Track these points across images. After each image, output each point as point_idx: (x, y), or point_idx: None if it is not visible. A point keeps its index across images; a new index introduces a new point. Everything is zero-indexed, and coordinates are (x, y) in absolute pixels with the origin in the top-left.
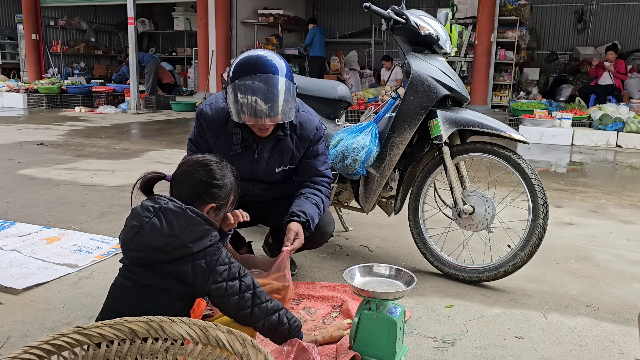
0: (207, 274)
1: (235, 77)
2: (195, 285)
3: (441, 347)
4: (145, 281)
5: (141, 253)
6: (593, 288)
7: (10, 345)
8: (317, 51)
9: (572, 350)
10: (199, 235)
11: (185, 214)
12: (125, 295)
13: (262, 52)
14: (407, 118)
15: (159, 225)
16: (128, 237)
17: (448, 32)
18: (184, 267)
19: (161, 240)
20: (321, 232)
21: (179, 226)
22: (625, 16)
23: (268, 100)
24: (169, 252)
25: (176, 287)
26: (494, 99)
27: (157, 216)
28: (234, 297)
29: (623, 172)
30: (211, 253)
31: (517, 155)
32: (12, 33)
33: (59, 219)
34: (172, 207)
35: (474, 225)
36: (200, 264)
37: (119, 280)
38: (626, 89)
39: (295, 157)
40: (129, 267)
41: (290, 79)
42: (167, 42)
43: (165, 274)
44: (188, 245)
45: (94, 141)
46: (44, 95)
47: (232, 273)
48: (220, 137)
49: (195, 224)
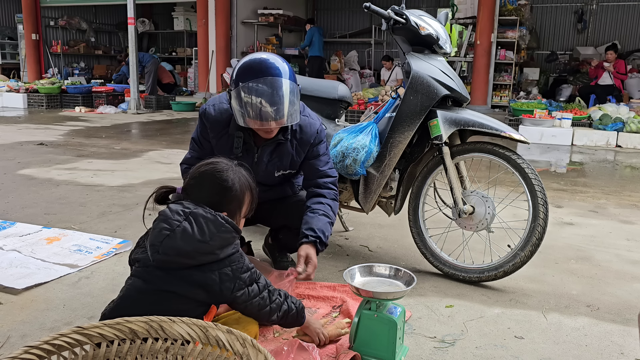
0: (233, 282)
1: (239, 80)
2: (221, 293)
3: (441, 347)
4: (166, 286)
5: (169, 257)
6: (593, 288)
7: (10, 345)
8: (316, 51)
9: (572, 350)
10: (226, 243)
11: (216, 221)
12: (143, 297)
13: (264, 55)
14: (407, 118)
15: (190, 230)
16: (158, 240)
17: (448, 32)
18: (211, 275)
19: (190, 245)
20: None
21: (209, 232)
22: (625, 16)
23: (274, 104)
24: (195, 257)
25: (199, 294)
26: (494, 99)
27: (187, 220)
28: (255, 299)
29: (623, 172)
30: (235, 260)
31: (517, 155)
32: (12, 33)
33: (59, 219)
34: (202, 212)
35: (474, 225)
36: (226, 271)
37: (136, 282)
38: (626, 89)
39: (295, 162)
40: (149, 269)
41: (294, 81)
42: (167, 42)
43: (190, 280)
44: (215, 252)
45: (94, 141)
46: (44, 95)
47: (252, 278)
48: (222, 138)
49: (224, 231)
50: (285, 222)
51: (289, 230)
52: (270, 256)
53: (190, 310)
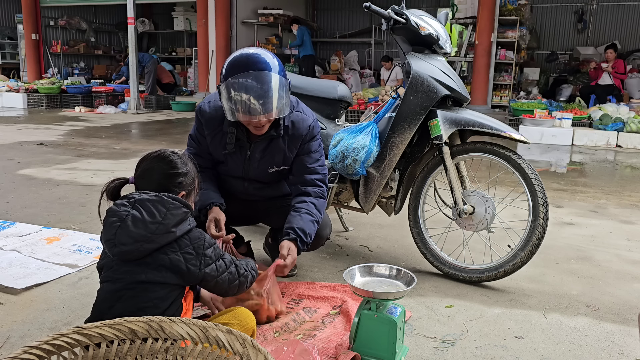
0: (198, 259)
1: (227, 75)
2: (190, 273)
3: (441, 347)
4: (136, 277)
5: (128, 246)
6: (593, 288)
7: (10, 345)
8: (309, 50)
9: (572, 351)
10: (180, 219)
11: (162, 200)
12: (117, 296)
13: (252, 50)
14: (407, 118)
15: (140, 215)
16: (111, 233)
17: (448, 32)
18: (174, 255)
19: (145, 229)
20: (318, 235)
21: (159, 213)
22: (625, 16)
23: (260, 97)
24: (156, 240)
25: (170, 278)
26: (494, 99)
27: (135, 208)
28: (224, 274)
29: (623, 172)
30: (195, 238)
31: (517, 155)
32: (12, 33)
33: (59, 219)
34: (147, 197)
35: (474, 225)
36: (188, 250)
37: (106, 286)
38: (626, 89)
39: (288, 158)
40: (115, 267)
41: (283, 75)
42: (167, 42)
43: (157, 266)
44: (171, 230)
45: (93, 141)
46: (44, 95)
47: (217, 253)
48: (216, 135)
49: (174, 208)
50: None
51: None
52: (270, 256)
53: (166, 296)
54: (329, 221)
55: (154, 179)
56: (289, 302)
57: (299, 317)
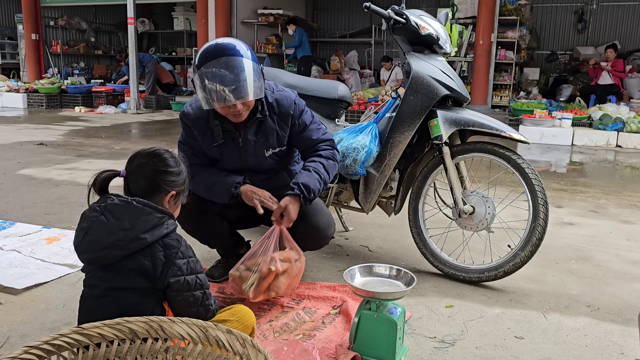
0: (166, 267)
1: (199, 66)
2: (156, 278)
3: (441, 347)
4: (110, 283)
5: (95, 253)
6: (593, 288)
7: (10, 345)
8: (308, 51)
9: (572, 351)
10: (151, 225)
11: (131, 206)
12: (97, 303)
13: (220, 40)
14: (407, 118)
15: (107, 222)
16: (79, 239)
17: (448, 32)
18: (144, 260)
19: (113, 236)
20: (322, 235)
21: (128, 219)
22: (625, 16)
23: (232, 82)
24: (125, 247)
25: (141, 282)
26: (494, 99)
27: (104, 214)
28: (187, 293)
29: (623, 172)
30: (170, 246)
31: (517, 155)
32: (12, 33)
33: (59, 219)
34: (117, 202)
35: (474, 225)
36: (159, 256)
37: (85, 291)
38: (626, 89)
39: (282, 137)
40: (91, 273)
41: (253, 60)
42: (167, 42)
43: (127, 271)
44: (141, 237)
45: (93, 141)
46: (44, 95)
47: (190, 268)
48: (206, 133)
49: (143, 214)
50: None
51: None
52: None
53: (144, 301)
54: (333, 220)
55: (145, 175)
56: (289, 302)
57: (299, 317)
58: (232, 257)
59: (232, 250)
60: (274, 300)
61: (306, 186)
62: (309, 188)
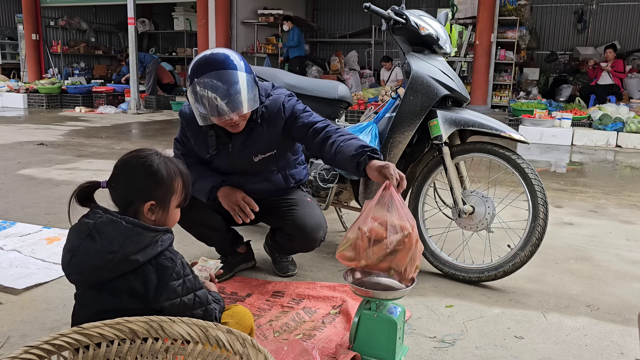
0: (159, 290)
1: (191, 80)
2: (149, 301)
3: (441, 347)
4: (101, 306)
5: (83, 275)
6: (593, 288)
7: (10, 345)
8: (302, 51)
9: (572, 350)
10: (142, 245)
11: (120, 225)
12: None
13: (213, 51)
14: (407, 118)
15: (94, 243)
16: (65, 261)
17: (448, 32)
18: (135, 283)
19: (101, 258)
20: (310, 238)
21: (117, 240)
22: (625, 16)
23: (224, 96)
24: (113, 269)
25: (133, 304)
26: (493, 99)
27: (91, 234)
28: (186, 312)
29: (623, 172)
30: (163, 267)
31: (517, 155)
32: (12, 33)
33: (59, 219)
34: (106, 221)
35: (474, 225)
36: (151, 278)
37: (77, 308)
38: (626, 89)
39: (271, 140)
40: (82, 292)
41: (246, 70)
42: (167, 42)
43: (118, 293)
44: (131, 258)
45: (94, 141)
46: (44, 95)
47: (187, 287)
48: (199, 136)
49: (133, 235)
50: (281, 225)
51: (283, 233)
52: (270, 255)
53: None
54: (323, 223)
55: (121, 186)
56: (289, 301)
57: (299, 317)
58: (231, 256)
59: (229, 247)
60: (274, 300)
61: (365, 145)
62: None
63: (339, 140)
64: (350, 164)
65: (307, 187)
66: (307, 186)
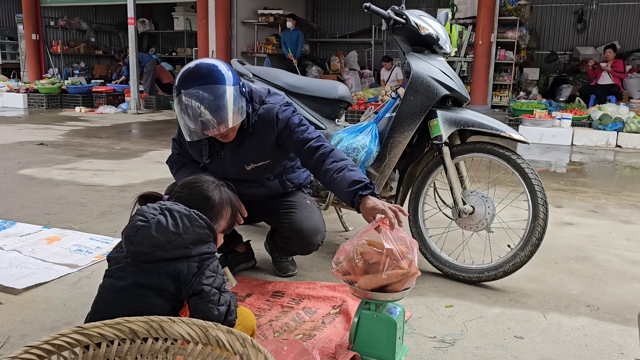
0: (197, 276)
1: (177, 93)
2: (185, 284)
3: (441, 347)
4: (138, 279)
5: (143, 247)
6: (593, 288)
7: (10, 345)
8: (300, 53)
9: (572, 350)
10: (199, 238)
11: (191, 216)
12: (117, 296)
13: (199, 62)
14: (407, 118)
15: (165, 222)
16: (133, 231)
17: (448, 32)
18: (180, 265)
19: (164, 236)
20: (307, 242)
21: (183, 225)
22: (625, 16)
23: (209, 112)
24: (170, 250)
25: (169, 285)
26: (493, 99)
27: (162, 214)
28: (209, 304)
29: (623, 172)
30: (205, 259)
31: (517, 155)
32: (12, 33)
33: (59, 219)
34: (177, 208)
35: (474, 225)
36: (193, 265)
37: (108, 282)
38: (626, 89)
39: (265, 150)
40: (123, 265)
41: (234, 82)
42: (167, 42)
43: (161, 272)
44: (188, 246)
45: (94, 141)
46: (44, 95)
47: (217, 282)
48: (192, 142)
49: (198, 226)
50: (278, 227)
51: (280, 235)
52: (270, 255)
53: (163, 305)
54: (321, 227)
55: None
56: (289, 301)
57: (299, 317)
58: (230, 254)
59: (227, 246)
60: (274, 300)
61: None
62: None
63: (333, 169)
64: (344, 199)
65: (307, 188)
66: (308, 186)
